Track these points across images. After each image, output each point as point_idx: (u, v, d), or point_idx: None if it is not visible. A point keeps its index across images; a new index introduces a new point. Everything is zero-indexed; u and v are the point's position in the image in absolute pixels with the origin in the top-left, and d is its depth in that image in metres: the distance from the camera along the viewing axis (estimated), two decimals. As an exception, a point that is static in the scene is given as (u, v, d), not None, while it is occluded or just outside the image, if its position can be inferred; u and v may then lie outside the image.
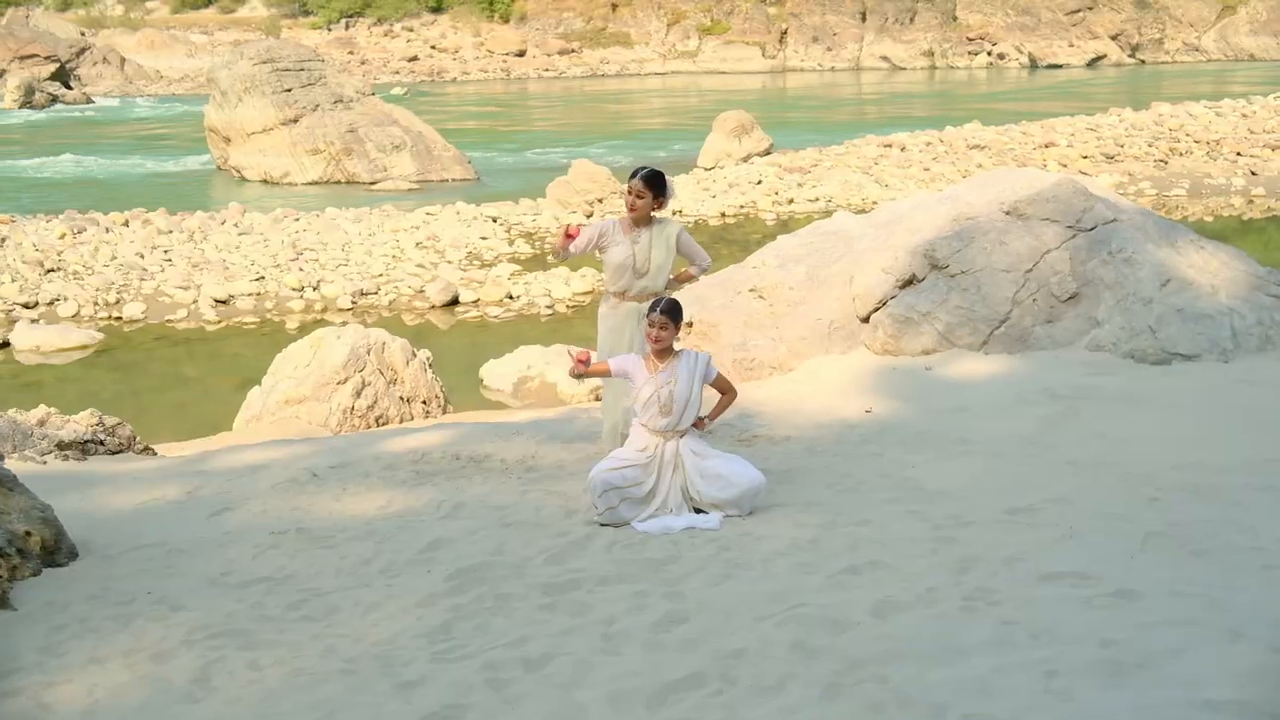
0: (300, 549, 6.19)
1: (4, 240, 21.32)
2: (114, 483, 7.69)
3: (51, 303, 18.11)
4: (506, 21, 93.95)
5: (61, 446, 8.19)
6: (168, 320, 17.66)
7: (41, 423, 8.34)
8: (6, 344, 16.20)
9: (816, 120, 49.78)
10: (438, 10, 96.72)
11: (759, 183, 28.63)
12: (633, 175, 7.15)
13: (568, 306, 18.37)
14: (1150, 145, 30.48)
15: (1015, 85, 71.01)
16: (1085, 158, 29.35)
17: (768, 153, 35.15)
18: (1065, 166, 28.25)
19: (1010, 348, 9.65)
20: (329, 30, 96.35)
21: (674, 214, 26.24)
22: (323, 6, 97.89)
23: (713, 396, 6.75)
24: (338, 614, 5.31)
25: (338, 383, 10.75)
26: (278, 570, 5.88)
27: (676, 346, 6.59)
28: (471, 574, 5.66)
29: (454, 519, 6.56)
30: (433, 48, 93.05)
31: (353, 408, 10.63)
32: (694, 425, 6.52)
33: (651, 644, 4.80)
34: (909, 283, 10.19)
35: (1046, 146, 30.65)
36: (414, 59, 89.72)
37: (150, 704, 4.48)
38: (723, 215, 26.02)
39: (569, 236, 6.92)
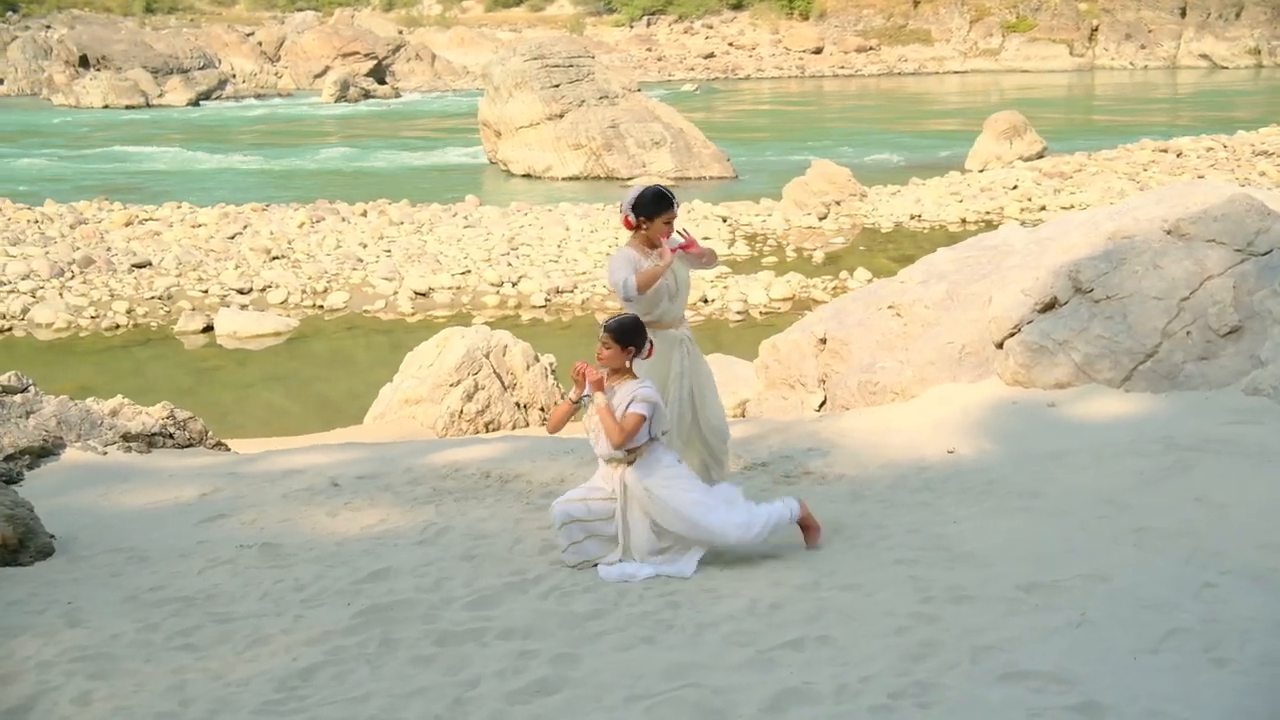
0: (249, 566, 5.91)
1: (246, 228, 22.39)
2: (146, 478, 7.66)
3: (264, 289, 18.84)
4: (806, 19, 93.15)
5: (127, 438, 8.26)
6: (365, 311, 18.05)
7: (114, 413, 8.44)
8: (210, 328, 16.91)
9: (1114, 123, 46.86)
10: (738, 8, 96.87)
11: (1014, 188, 27.00)
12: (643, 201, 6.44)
13: (761, 313, 17.68)
14: None
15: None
16: (1392, 167, 26.29)
17: (1040, 156, 33.22)
18: (1364, 177, 25.34)
19: (1155, 386, 8.42)
20: (630, 28, 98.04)
21: (912, 217, 25.08)
22: (626, 4, 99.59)
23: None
24: (222, 645, 4.98)
25: (450, 385, 10.52)
26: (206, 589, 5.62)
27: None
28: (383, 612, 5.22)
29: (426, 546, 6.15)
30: (730, 45, 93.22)
31: (461, 411, 10.38)
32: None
33: (495, 717, 4.23)
34: (1049, 306, 9.07)
35: (1348, 154, 27.64)
36: (710, 56, 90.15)
37: (-55, 733, 4.25)
38: (963, 221, 24.64)
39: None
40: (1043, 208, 25.26)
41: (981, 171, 30.83)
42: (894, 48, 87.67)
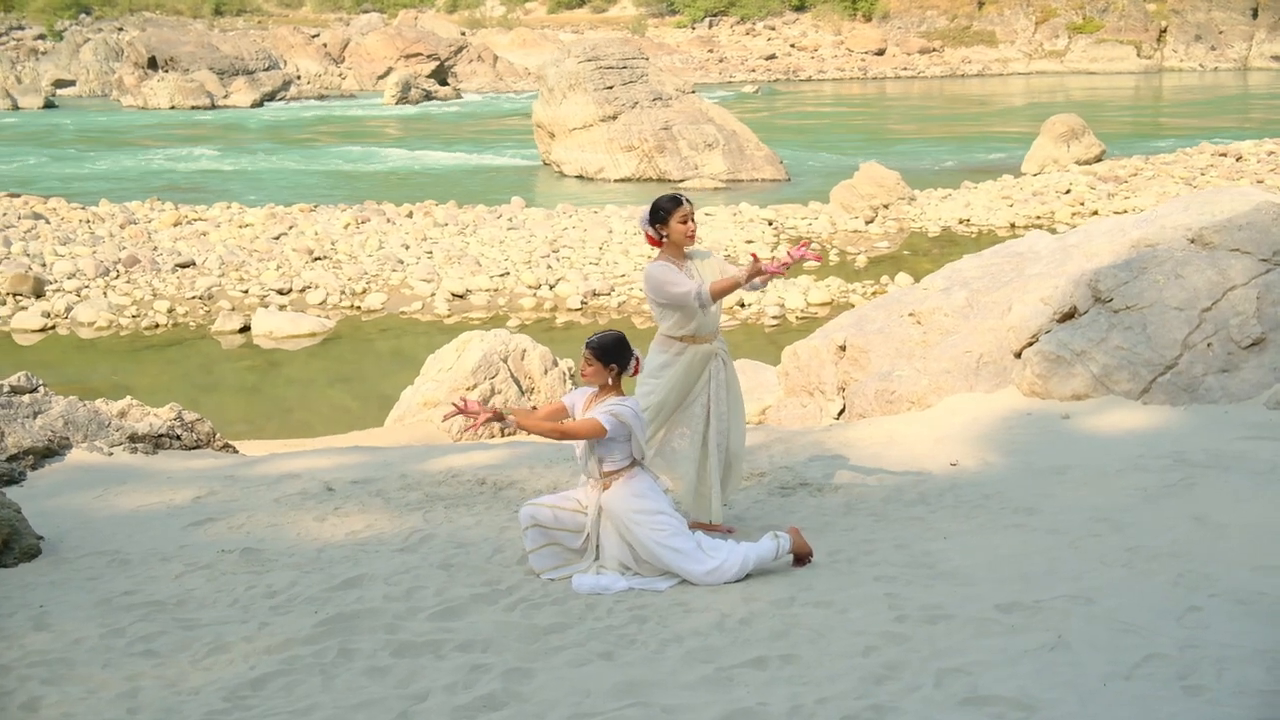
0: (226, 572, 5.90)
1: (291, 228, 22.55)
2: (144, 480, 7.68)
3: (303, 290, 18.95)
4: (869, 20, 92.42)
5: (134, 439, 8.30)
6: (402, 312, 18.10)
7: (122, 414, 8.49)
8: (247, 328, 17.03)
9: (1179, 126, 46.03)
10: (800, 9, 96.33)
11: (1067, 192, 26.56)
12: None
13: (798, 318, 17.49)
14: None
15: None
16: None
17: (1098, 159, 32.66)
18: None
19: (1174, 398, 8.20)
20: (692, 29, 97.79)
21: (960, 221, 24.77)
22: (688, 5, 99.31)
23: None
24: (182, 652, 4.96)
25: (467, 389, 10.49)
26: (178, 594, 5.60)
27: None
28: (347, 621, 5.18)
29: (406, 553, 6.11)
30: (792, 46, 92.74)
31: (476, 415, 10.33)
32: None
33: (435, 733, 4.17)
34: (1069, 316, 8.87)
35: None
36: (771, 57, 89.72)
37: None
38: (1012, 226, 24.23)
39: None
40: (1095, 212, 24.78)
41: (1036, 175, 30.37)
42: (958, 49, 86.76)
